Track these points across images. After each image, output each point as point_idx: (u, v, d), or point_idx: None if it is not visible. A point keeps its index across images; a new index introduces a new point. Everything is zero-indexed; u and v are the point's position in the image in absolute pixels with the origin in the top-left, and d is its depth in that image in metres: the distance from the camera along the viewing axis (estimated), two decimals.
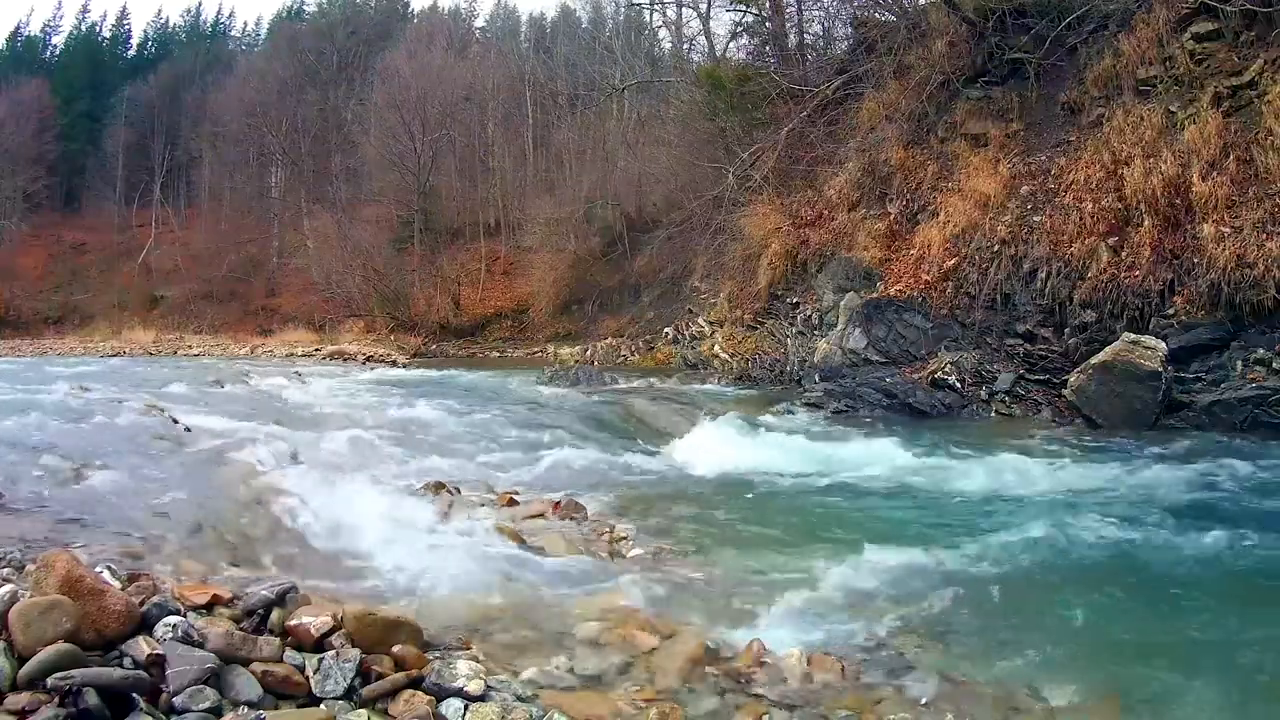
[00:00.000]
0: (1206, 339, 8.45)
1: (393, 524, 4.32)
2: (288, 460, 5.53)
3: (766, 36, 19.77)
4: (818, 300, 13.28)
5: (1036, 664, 3.09)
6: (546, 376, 13.50)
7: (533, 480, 6.12)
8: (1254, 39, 9.44)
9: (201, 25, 62.14)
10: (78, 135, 48.84)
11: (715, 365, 14.92)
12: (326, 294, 31.61)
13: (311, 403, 9.51)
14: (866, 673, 2.98)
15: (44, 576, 2.42)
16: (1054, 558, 4.31)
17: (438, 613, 3.13)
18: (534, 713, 2.48)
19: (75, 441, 5.10)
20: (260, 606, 2.74)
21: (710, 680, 2.84)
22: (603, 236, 27.05)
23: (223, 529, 3.85)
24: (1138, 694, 2.89)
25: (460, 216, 34.02)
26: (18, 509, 3.69)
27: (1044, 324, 9.83)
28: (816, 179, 14.49)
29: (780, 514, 5.43)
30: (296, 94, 41.69)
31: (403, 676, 2.51)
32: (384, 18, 51.72)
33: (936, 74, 12.88)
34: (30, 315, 37.75)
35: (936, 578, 3.94)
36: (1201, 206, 8.85)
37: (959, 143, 12.27)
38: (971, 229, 11.01)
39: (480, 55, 40.98)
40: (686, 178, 20.64)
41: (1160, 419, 8.09)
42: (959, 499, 5.69)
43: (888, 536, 4.65)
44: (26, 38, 57.51)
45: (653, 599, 3.51)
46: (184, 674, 2.27)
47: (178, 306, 36.21)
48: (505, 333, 28.56)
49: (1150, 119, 9.79)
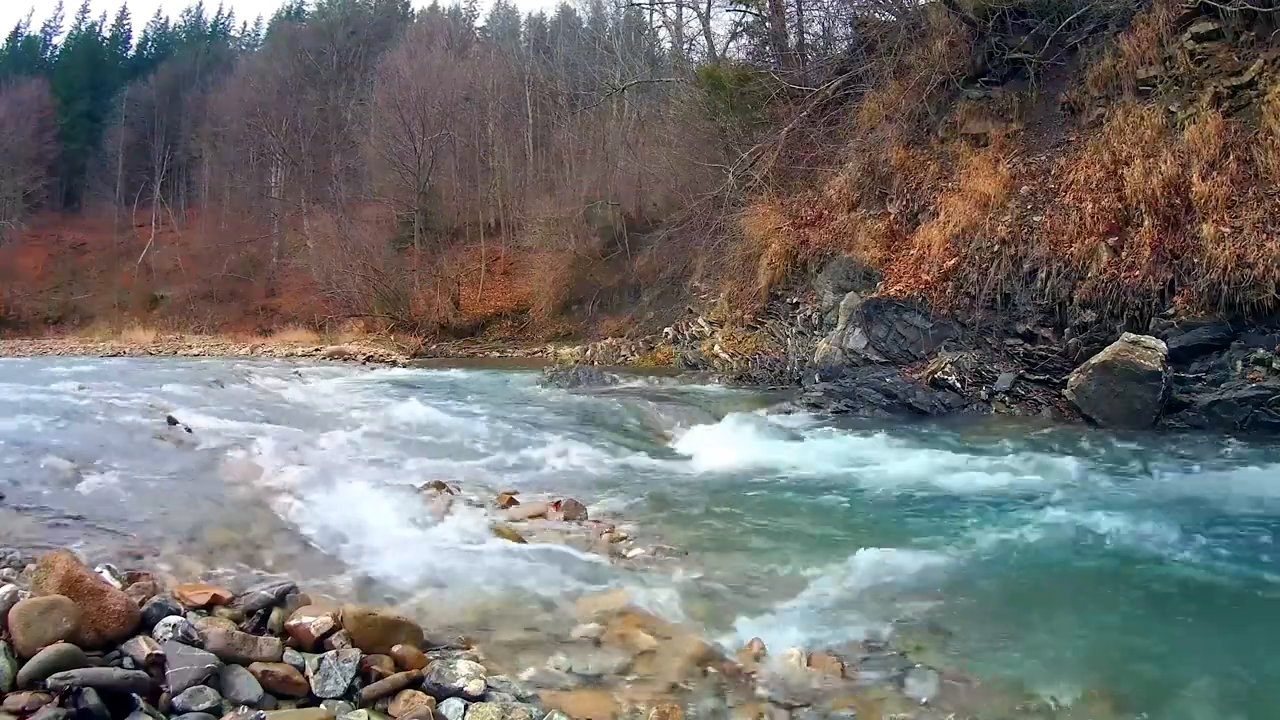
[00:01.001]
0: (1206, 339, 8.45)
1: (393, 524, 4.32)
2: (288, 460, 5.53)
3: (766, 36, 19.77)
4: (818, 300, 13.28)
5: (1036, 664, 3.09)
6: (546, 376, 13.50)
7: (533, 480, 6.12)
8: (1254, 39, 9.43)
9: (202, 25, 62.20)
10: (78, 135, 48.85)
11: (715, 365, 14.92)
12: (326, 294, 31.60)
13: (311, 403, 9.51)
14: (866, 673, 2.98)
15: (44, 576, 2.42)
16: (1054, 558, 4.31)
17: (438, 613, 3.13)
18: (534, 713, 2.48)
19: (75, 441, 5.10)
20: (260, 606, 2.74)
21: (710, 680, 2.84)
22: (603, 236, 27.05)
23: (223, 529, 3.85)
24: (1138, 694, 2.89)
25: (460, 216, 34.02)
26: (18, 509, 3.69)
27: (1044, 324, 9.83)
28: (816, 179, 14.49)
29: (780, 514, 5.43)
30: (296, 94, 41.69)
31: (403, 676, 2.52)
32: (384, 18, 51.74)
33: (936, 74, 12.88)
34: (30, 315, 37.76)
35: (936, 578, 3.94)
36: (1201, 206, 8.85)
37: (959, 143, 12.27)
38: (971, 229, 11.01)
39: (480, 55, 40.99)
40: (686, 178, 20.63)
41: (1160, 419, 8.09)
42: (959, 499, 5.69)
43: (887, 536, 4.65)
44: (26, 38, 57.57)
45: (653, 599, 3.51)
46: (184, 674, 2.27)
47: (178, 306, 36.21)
48: (505, 333, 28.56)
49: (1150, 119, 9.78)
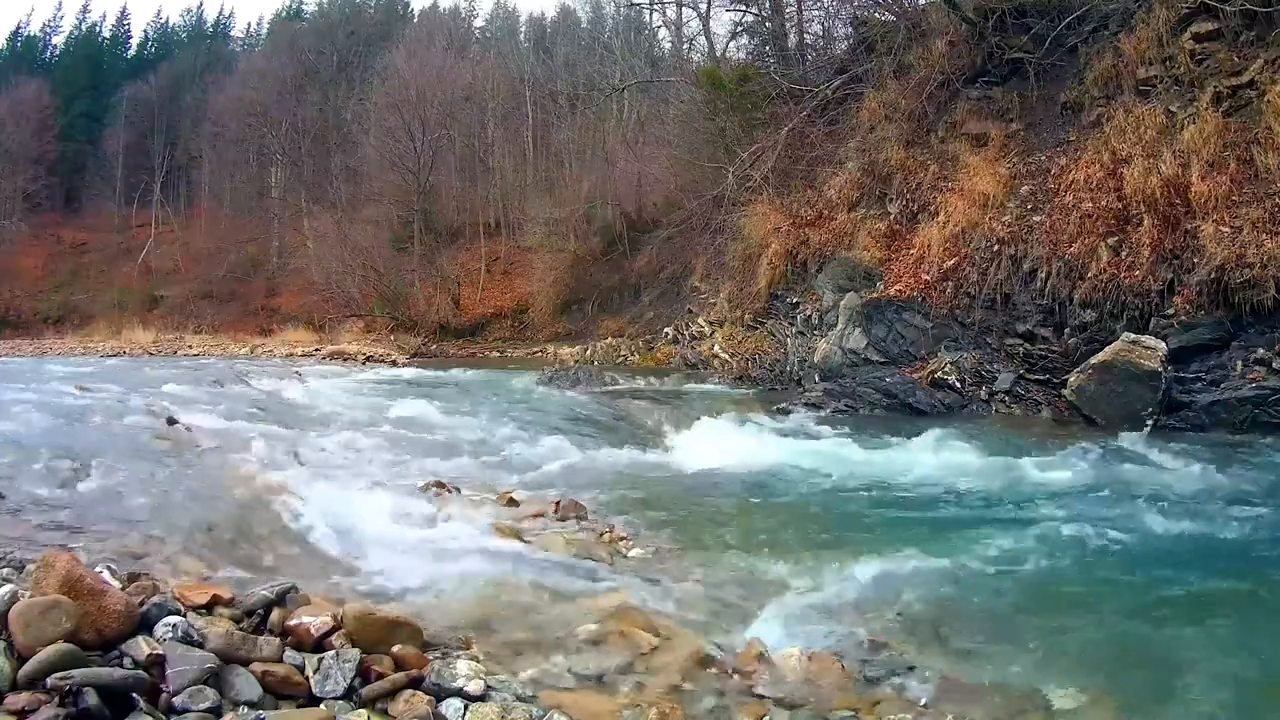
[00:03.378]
0: (1206, 339, 8.44)
1: (393, 524, 4.32)
2: (288, 460, 5.53)
3: (766, 36, 19.79)
4: (818, 300, 13.28)
5: (1036, 664, 3.09)
6: (546, 376, 13.49)
7: (533, 480, 6.11)
8: (1254, 39, 9.43)
9: (202, 25, 62.22)
10: (78, 135, 48.87)
11: (715, 365, 14.91)
12: (326, 294, 31.61)
13: (311, 403, 9.51)
14: (866, 673, 2.98)
15: (44, 576, 2.42)
16: (1054, 558, 4.31)
17: (438, 613, 3.13)
18: (534, 713, 2.48)
19: (75, 441, 5.10)
20: (260, 606, 2.74)
21: (710, 680, 2.83)
22: (602, 236, 27.05)
23: (223, 529, 3.85)
24: (1138, 694, 2.90)
25: (460, 216, 34.04)
26: (18, 509, 3.69)
27: (1044, 324, 9.83)
28: (816, 179, 14.48)
29: (780, 514, 5.43)
30: (296, 94, 41.74)
31: (403, 676, 2.51)
32: (384, 18, 51.80)
33: (936, 74, 12.88)
34: (30, 315, 37.80)
35: (936, 578, 3.94)
36: (1201, 206, 8.84)
37: (959, 143, 12.27)
38: (971, 229, 11.00)
39: (480, 55, 41.00)
40: (686, 178, 20.65)
41: (1160, 419, 8.08)
42: (959, 499, 5.69)
43: (887, 536, 4.65)
44: (26, 38, 57.64)
45: (653, 599, 3.51)
46: (184, 674, 2.27)
47: (177, 306, 36.24)
48: (505, 333, 28.56)
49: (1150, 119, 9.78)
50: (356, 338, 27.27)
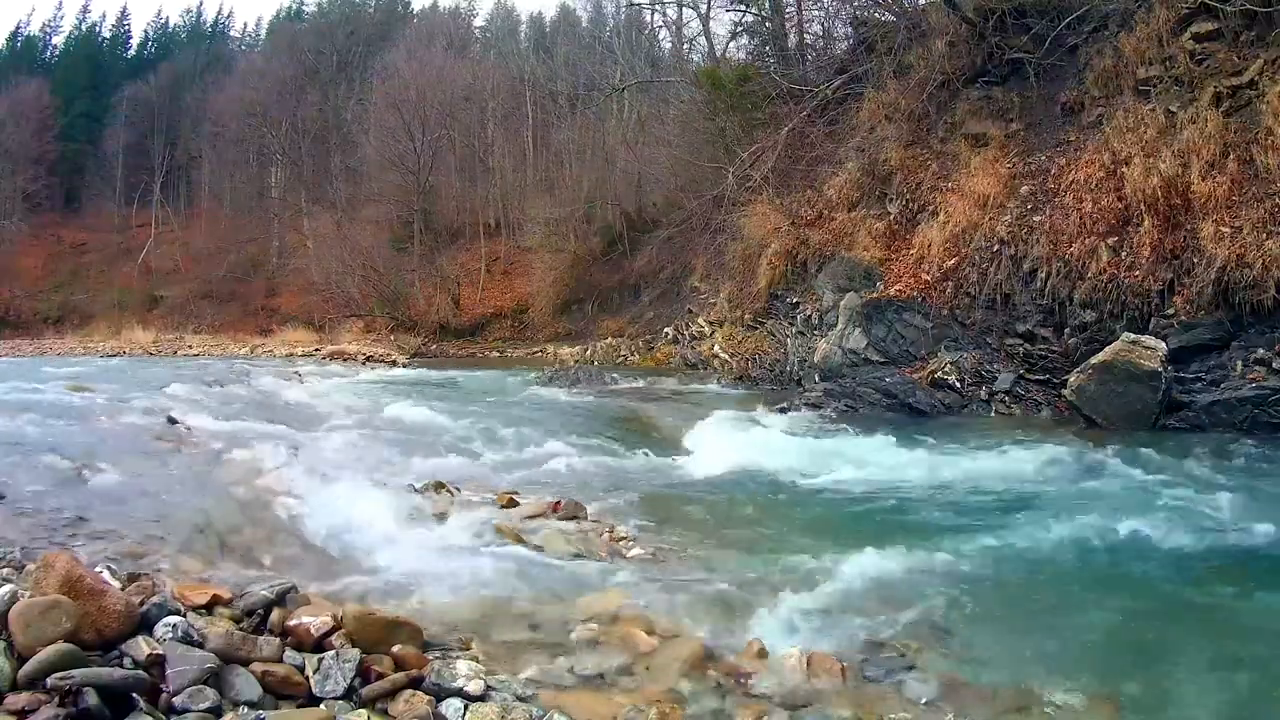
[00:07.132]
0: (1206, 339, 8.44)
1: (393, 524, 4.32)
2: (288, 460, 5.53)
3: (766, 36, 19.80)
4: (818, 300, 13.28)
5: (1036, 664, 3.09)
6: (546, 377, 13.50)
7: (533, 480, 6.11)
8: (1254, 39, 9.43)
9: (202, 25, 62.22)
10: (78, 135, 48.87)
11: (715, 365, 14.92)
12: (326, 294, 31.60)
13: (311, 403, 9.51)
14: (866, 673, 2.98)
15: (44, 576, 2.42)
16: (1054, 558, 4.31)
17: (438, 613, 3.13)
18: (534, 713, 2.48)
19: (75, 441, 5.10)
20: (260, 606, 2.74)
21: (710, 680, 2.83)
22: (602, 236, 27.06)
23: (223, 529, 3.84)
24: (1138, 694, 2.89)
25: (460, 216, 34.03)
26: (18, 509, 3.69)
27: (1044, 324, 9.83)
28: (816, 179, 14.49)
29: (780, 514, 5.43)
30: (296, 94, 41.74)
31: (403, 676, 2.51)
32: (384, 18, 51.76)
33: (936, 74, 12.88)
34: (30, 315, 37.80)
35: (936, 578, 3.94)
36: (1201, 206, 8.84)
37: (959, 143, 12.27)
38: (971, 229, 11.00)
39: (480, 55, 41.01)
40: (686, 178, 20.66)
41: (1160, 419, 8.08)
42: (958, 499, 5.68)
43: (887, 536, 4.65)
44: (26, 38, 57.61)
45: (653, 599, 3.50)
46: (184, 674, 2.27)
47: (177, 306, 36.25)
48: (505, 333, 28.56)
49: (1150, 119, 9.78)
50: (356, 338, 27.27)
